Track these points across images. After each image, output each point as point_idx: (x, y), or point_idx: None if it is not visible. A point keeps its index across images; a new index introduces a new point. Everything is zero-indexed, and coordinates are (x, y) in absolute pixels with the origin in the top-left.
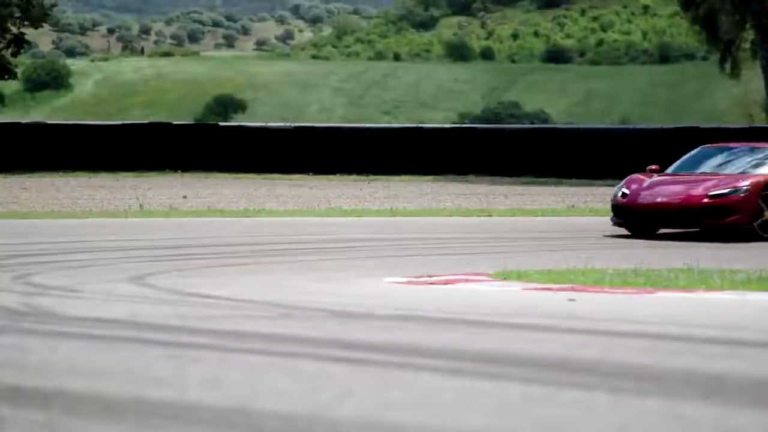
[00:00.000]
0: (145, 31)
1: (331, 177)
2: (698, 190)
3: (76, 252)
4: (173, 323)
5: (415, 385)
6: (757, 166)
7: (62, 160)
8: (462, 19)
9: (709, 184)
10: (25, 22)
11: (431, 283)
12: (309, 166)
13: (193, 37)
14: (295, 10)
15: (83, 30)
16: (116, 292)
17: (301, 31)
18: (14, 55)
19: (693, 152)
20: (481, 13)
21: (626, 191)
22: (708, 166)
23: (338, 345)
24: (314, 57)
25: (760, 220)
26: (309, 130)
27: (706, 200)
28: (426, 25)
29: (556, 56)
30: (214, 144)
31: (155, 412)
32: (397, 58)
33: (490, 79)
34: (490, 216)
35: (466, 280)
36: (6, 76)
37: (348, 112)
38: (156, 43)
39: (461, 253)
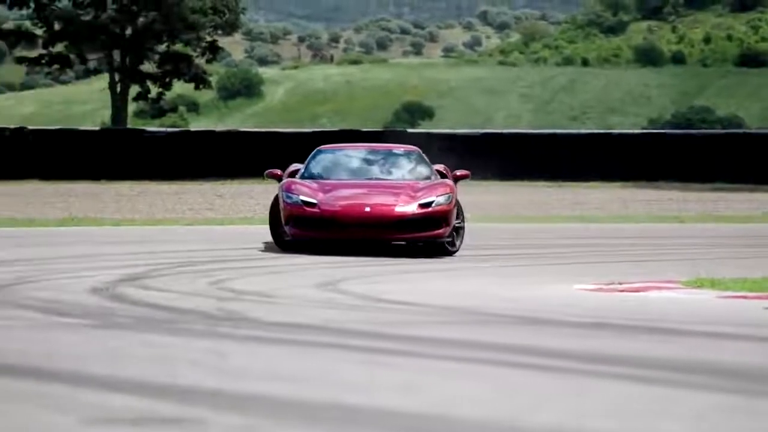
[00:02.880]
0: (335, 39)
1: (518, 183)
2: None
3: (266, 258)
4: (366, 329)
5: (610, 393)
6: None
7: (255, 167)
8: (652, 23)
9: None
10: (218, 31)
11: (621, 291)
12: (495, 172)
13: (382, 45)
14: (483, 17)
15: (274, 39)
16: (309, 297)
17: (488, 37)
18: (209, 62)
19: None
20: (672, 17)
21: None
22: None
23: (531, 352)
24: (501, 63)
25: None
26: (496, 136)
27: None
28: (615, 29)
29: (750, 60)
30: None
31: (351, 417)
32: (585, 63)
33: (681, 84)
34: (681, 222)
35: (658, 288)
36: (201, 86)
37: (535, 118)
38: (345, 50)
39: (651, 259)
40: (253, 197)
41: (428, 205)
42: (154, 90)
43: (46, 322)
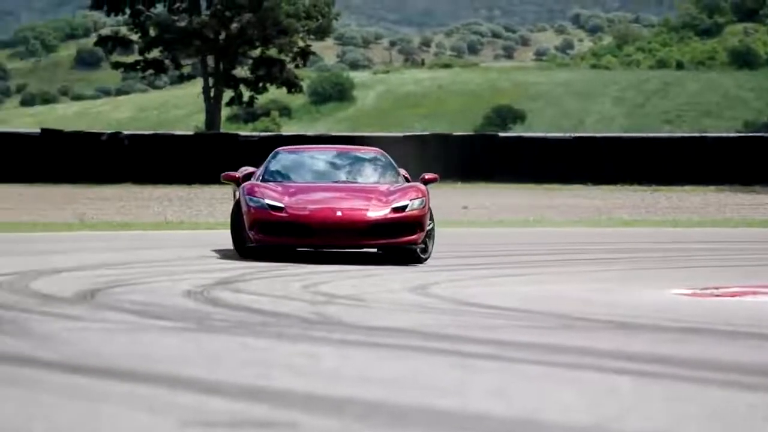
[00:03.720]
0: (426, 43)
1: (611, 187)
2: None
3: (360, 262)
4: (457, 333)
5: (706, 399)
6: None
7: None
8: (748, 25)
9: None
10: (311, 36)
11: (717, 296)
12: (589, 176)
13: (473, 49)
14: (575, 20)
15: (366, 43)
16: (400, 301)
17: (580, 40)
18: (299, 67)
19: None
20: None
21: None
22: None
23: (623, 357)
24: (594, 66)
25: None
26: (589, 140)
27: None
28: (710, 32)
29: None
30: (494, 154)
31: (442, 421)
32: (679, 66)
33: None
34: None
35: (754, 293)
36: (293, 90)
37: (628, 121)
38: (436, 54)
39: (747, 264)
40: None
41: (402, 209)
42: (246, 94)
43: (143, 325)
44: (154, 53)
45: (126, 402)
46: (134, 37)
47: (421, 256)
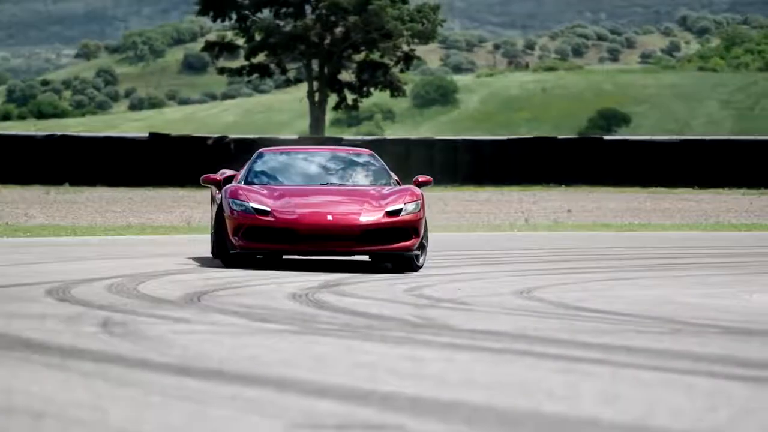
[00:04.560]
0: (530, 46)
1: (718, 190)
2: None
3: (461, 265)
4: (563, 337)
5: None
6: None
7: (449, 174)
8: None
9: None
10: (415, 40)
11: None
12: (695, 180)
13: (578, 51)
14: (682, 22)
15: (470, 46)
16: (504, 305)
17: (687, 42)
18: (403, 71)
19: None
20: None
21: None
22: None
23: (733, 362)
24: (701, 69)
25: None
26: (696, 143)
27: None
28: None
29: None
30: (599, 158)
31: (551, 426)
32: None
33: None
34: None
35: None
36: (396, 94)
37: (737, 124)
38: (540, 57)
39: None
40: (448, 204)
41: (396, 213)
42: (350, 98)
43: (250, 327)
44: (260, 58)
45: (234, 404)
46: (240, 42)
47: (416, 264)
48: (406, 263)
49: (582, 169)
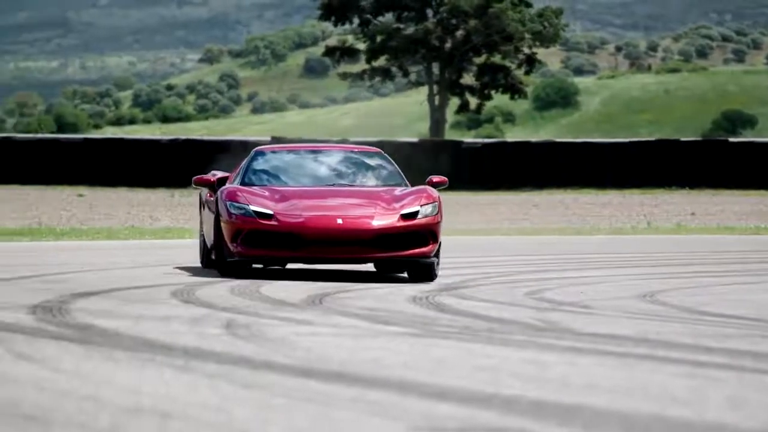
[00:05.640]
0: (653, 47)
1: None
2: None
3: (581, 269)
4: (686, 341)
5: None
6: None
7: (569, 177)
8: None
9: None
10: (537, 43)
11: None
12: None
13: (701, 53)
14: None
15: (591, 48)
16: (626, 308)
17: None
18: (526, 74)
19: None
20: None
21: None
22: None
23: None
24: None
25: None
26: None
27: None
28: None
29: None
30: (723, 160)
31: (677, 430)
32: None
33: None
34: None
35: None
36: (516, 96)
37: None
38: (663, 59)
39: None
40: (569, 207)
41: (412, 216)
42: (473, 102)
43: (371, 330)
44: (380, 61)
45: (356, 406)
46: (361, 46)
47: (435, 272)
48: (423, 271)
49: (706, 171)
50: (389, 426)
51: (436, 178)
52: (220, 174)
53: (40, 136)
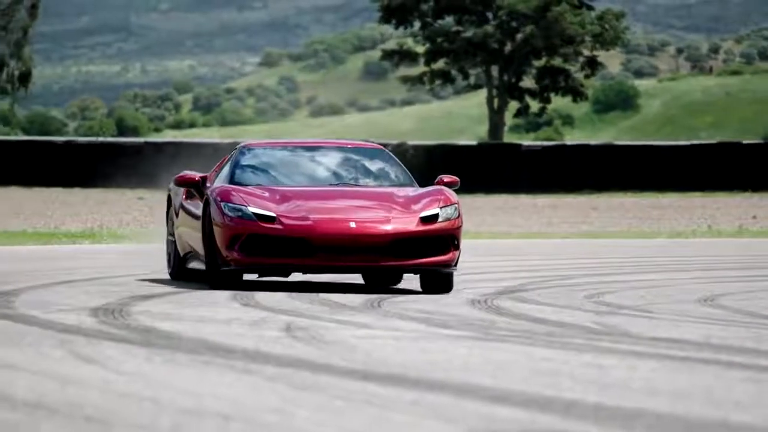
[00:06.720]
0: (714, 50)
1: None
2: None
3: (636, 272)
4: (749, 346)
5: None
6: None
7: (629, 179)
8: None
9: None
10: (597, 45)
11: None
12: None
13: (763, 55)
14: None
15: (652, 51)
16: (687, 312)
17: None
18: (587, 77)
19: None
20: None
21: None
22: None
23: None
24: None
25: None
26: None
27: None
28: None
29: None
30: None
31: None
32: None
33: None
34: None
35: None
36: (577, 98)
37: None
38: (725, 61)
39: None
40: (629, 209)
41: (432, 219)
42: (533, 105)
43: (430, 333)
44: (439, 64)
45: (415, 409)
46: (419, 49)
47: (451, 282)
48: (441, 282)
49: (767, 174)
50: (447, 429)
51: (446, 178)
52: (197, 175)
53: (101, 139)
